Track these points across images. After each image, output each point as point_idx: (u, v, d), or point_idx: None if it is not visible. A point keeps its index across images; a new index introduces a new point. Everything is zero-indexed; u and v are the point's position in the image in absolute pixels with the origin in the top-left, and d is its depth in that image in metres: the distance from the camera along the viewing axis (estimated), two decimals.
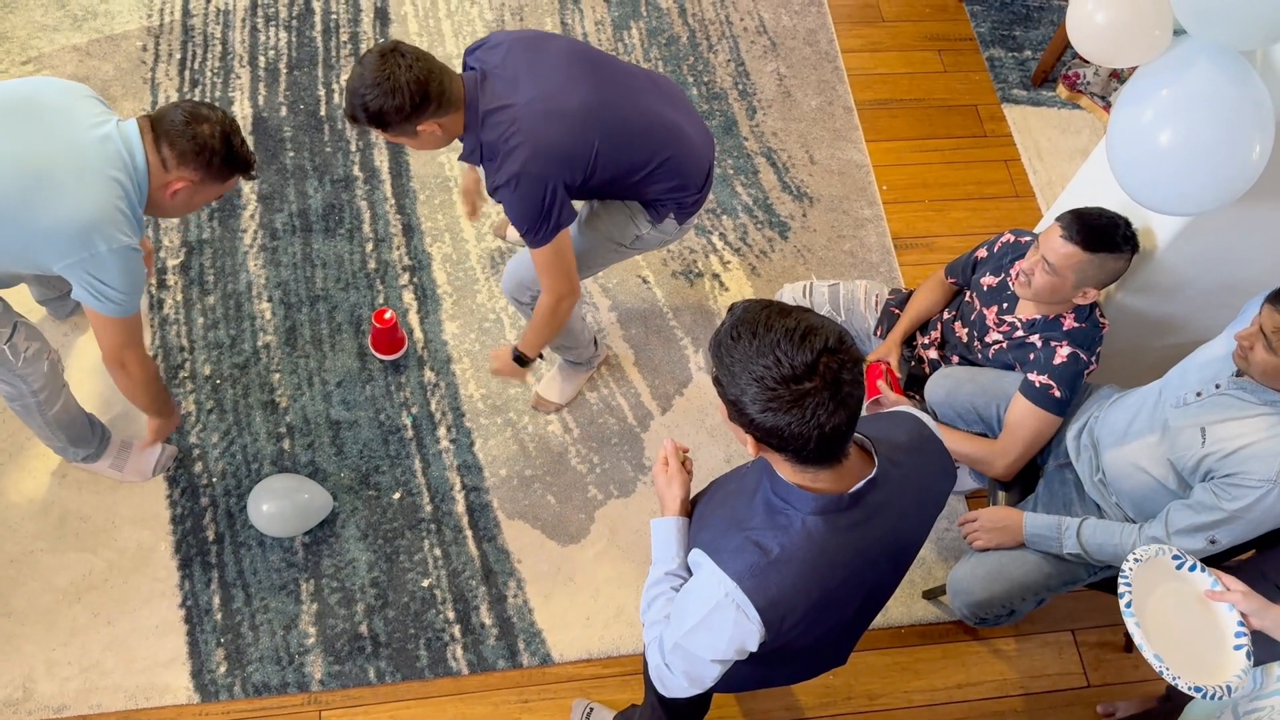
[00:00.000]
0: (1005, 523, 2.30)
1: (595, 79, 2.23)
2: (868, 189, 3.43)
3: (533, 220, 2.19)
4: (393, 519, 2.73)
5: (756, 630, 1.47)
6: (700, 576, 1.52)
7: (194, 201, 2.13)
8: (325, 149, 3.27)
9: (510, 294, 2.61)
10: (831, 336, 1.33)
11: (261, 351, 2.92)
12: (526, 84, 2.15)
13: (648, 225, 2.46)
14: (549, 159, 2.14)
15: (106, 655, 2.50)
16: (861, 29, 3.81)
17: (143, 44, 3.40)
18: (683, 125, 2.37)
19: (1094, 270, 2.21)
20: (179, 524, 2.67)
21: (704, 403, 2.99)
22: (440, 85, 2.07)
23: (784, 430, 1.34)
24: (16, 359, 2.26)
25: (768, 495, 1.50)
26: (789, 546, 1.45)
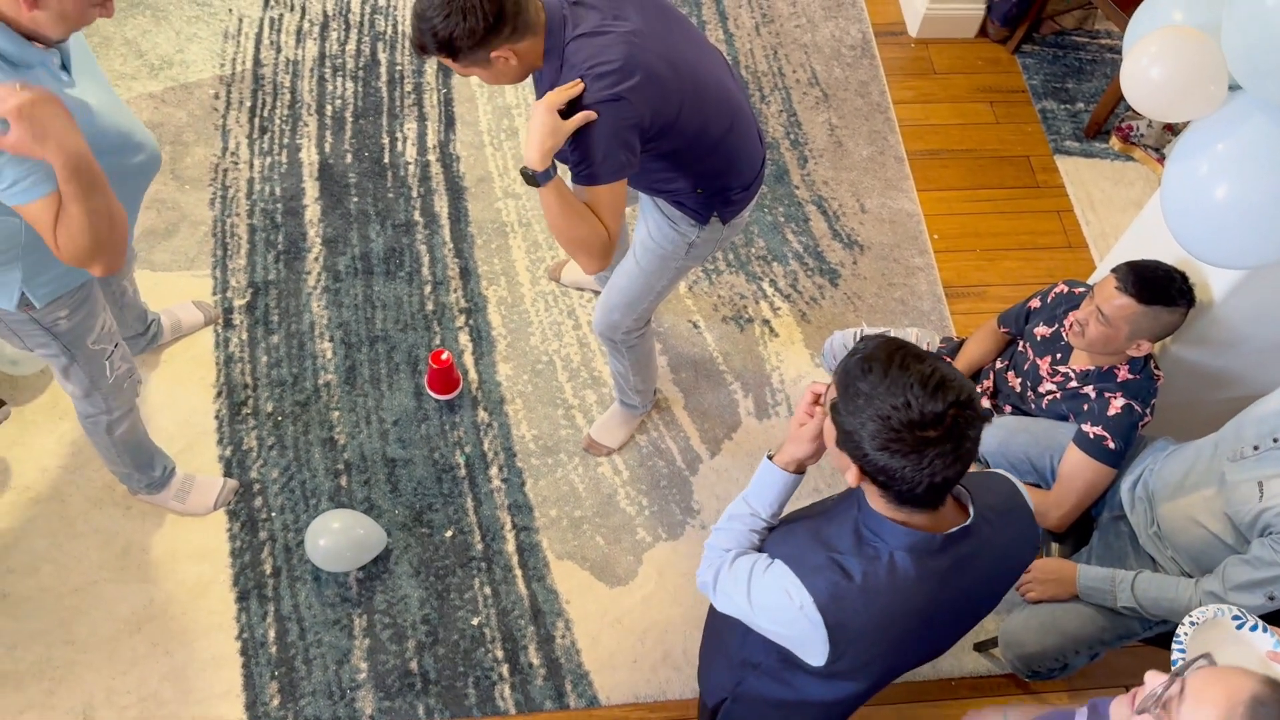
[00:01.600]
0: (1059, 574, 2.29)
1: (690, 40, 2.11)
2: (919, 238, 3.45)
3: (605, 151, 1.94)
4: (444, 556, 2.77)
5: (823, 649, 1.48)
6: (779, 581, 1.51)
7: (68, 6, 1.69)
8: (388, 194, 3.37)
9: (603, 334, 2.62)
10: (964, 391, 1.34)
11: (322, 390, 2.99)
12: (627, 17, 1.97)
13: (695, 230, 2.34)
14: (643, 89, 1.93)
15: (164, 686, 2.56)
16: (913, 81, 3.85)
17: (215, 92, 3.54)
18: (747, 112, 2.27)
19: (1148, 323, 2.21)
20: (238, 557, 2.73)
21: (753, 447, 3.01)
22: (516, 4, 1.87)
23: (896, 472, 1.35)
24: (110, 375, 2.33)
25: (858, 524, 1.50)
26: (871, 576, 1.45)
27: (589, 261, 2.08)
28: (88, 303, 2.16)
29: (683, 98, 2.03)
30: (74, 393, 2.36)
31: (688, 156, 2.15)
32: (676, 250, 2.40)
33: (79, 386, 2.32)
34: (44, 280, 2.03)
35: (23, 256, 1.96)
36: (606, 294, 2.55)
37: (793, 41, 3.89)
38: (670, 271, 2.48)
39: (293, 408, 2.96)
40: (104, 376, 2.31)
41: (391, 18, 3.78)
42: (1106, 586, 2.20)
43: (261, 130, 3.47)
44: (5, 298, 2.00)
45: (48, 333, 2.13)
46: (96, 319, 2.21)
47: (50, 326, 2.11)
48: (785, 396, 3.11)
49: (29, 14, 1.66)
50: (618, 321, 2.57)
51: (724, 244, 2.46)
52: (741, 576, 1.59)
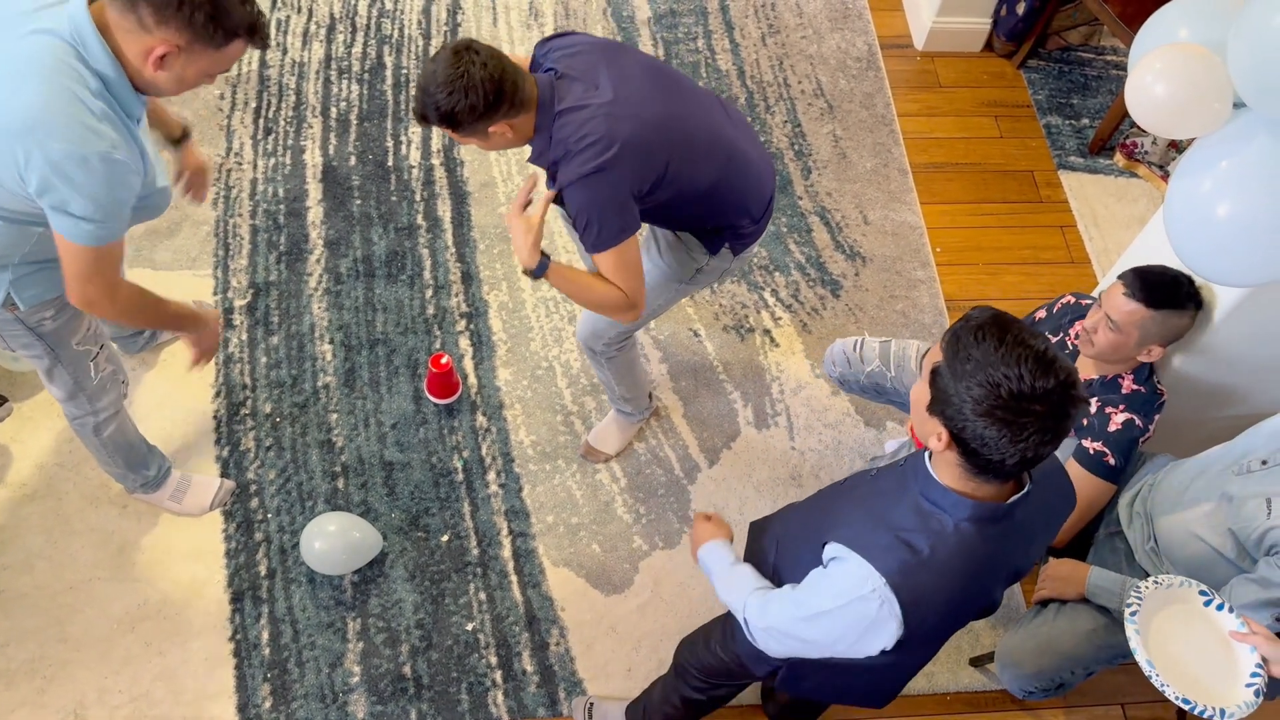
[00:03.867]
0: (1071, 575, 2.28)
1: (672, 94, 2.18)
2: (921, 250, 3.45)
3: (600, 220, 2.08)
4: (440, 561, 2.76)
5: (894, 629, 1.50)
6: (843, 568, 1.53)
7: (188, 74, 1.78)
8: (391, 197, 3.37)
9: (585, 342, 2.63)
10: (1072, 373, 1.36)
11: (321, 392, 2.99)
12: (606, 87, 2.08)
13: (705, 256, 2.41)
14: (624, 159, 2.05)
15: (156, 685, 2.55)
16: (918, 94, 3.85)
17: (220, 93, 3.54)
18: (748, 151, 2.32)
19: (1157, 327, 2.21)
20: (232, 558, 2.72)
21: (751, 457, 3.00)
22: (514, 85, 2.00)
23: (992, 441, 1.37)
24: (96, 376, 2.33)
25: (917, 499, 1.53)
26: (939, 549, 1.48)
27: (620, 317, 2.21)
28: (68, 305, 2.16)
29: (670, 153, 2.13)
30: (58, 395, 2.37)
31: (686, 203, 2.25)
32: (683, 272, 2.45)
33: (62, 389, 2.33)
34: (31, 285, 2.04)
35: (17, 264, 1.97)
36: None
37: (799, 52, 3.89)
38: (670, 291, 2.52)
39: (291, 409, 2.95)
40: (88, 378, 2.32)
41: (398, 21, 3.78)
42: (1115, 588, 2.20)
43: (266, 131, 3.47)
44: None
45: (32, 333, 2.13)
46: (82, 320, 2.22)
47: (35, 327, 2.12)
48: (785, 407, 3.10)
49: (152, 73, 1.75)
50: (602, 331, 2.57)
51: (729, 275, 2.52)
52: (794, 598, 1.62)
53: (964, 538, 1.49)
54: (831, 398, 3.12)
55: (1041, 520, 1.63)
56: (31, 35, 1.72)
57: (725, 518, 2.89)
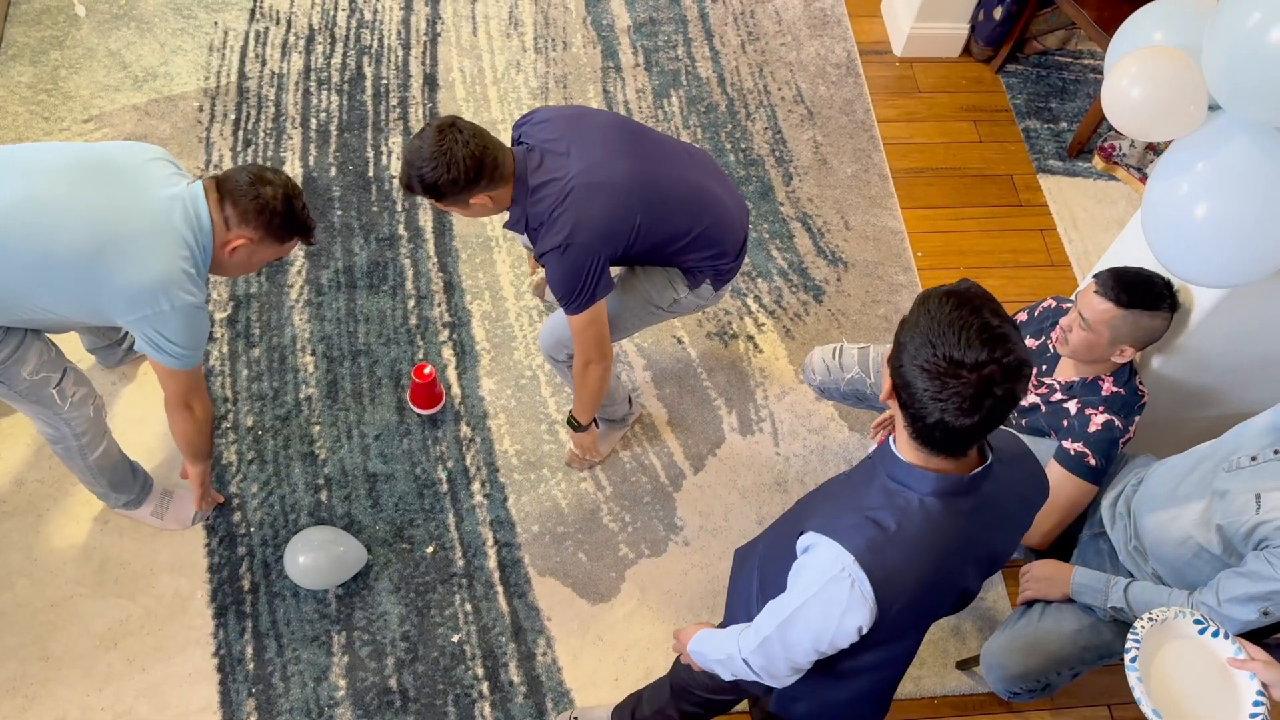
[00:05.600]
0: (1055, 575, 2.29)
1: (638, 152, 2.31)
2: (902, 255, 3.46)
3: (571, 288, 2.26)
4: (425, 573, 2.75)
5: (869, 609, 1.51)
6: (814, 555, 1.55)
7: (252, 261, 2.20)
8: (372, 208, 3.36)
9: (547, 351, 2.66)
10: (1014, 357, 1.38)
11: (303, 404, 2.97)
12: (574, 158, 2.23)
13: (685, 290, 2.52)
14: (593, 232, 2.21)
15: (140, 702, 2.52)
16: (898, 99, 3.87)
17: (199, 104, 3.52)
18: (720, 195, 2.43)
19: (1128, 327, 2.22)
20: (216, 572, 2.70)
21: (736, 464, 3.00)
22: (494, 160, 2.16)
23: (916, 392, 1.40)
24: (64, 403, 2.32)
25: (884, 481, 1.55)
26: (906, 524, 1.50)
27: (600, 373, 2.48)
28: (13, 336, 2.18)
29: (642, 210, 2.26)
30: (36, 424, 2.37)
31: (663, 252, 2.39)
32: (662, 299, 2.55)
33: (36, 418, 2.34)
34: None
35: None
36: (561, 313, 2.55)
37: (778, 59, 3.90)
38: (646, 315, 2.60)
39: (273, 422, 2.94)
40: (56, 404, 2.32)
41: (377, 31, 3.78)
42: (1100, 586, 2.20)
43: (245, 143, 3.45)
44: None
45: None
46: (28, 349, 2.23)
47: None
48: (769, 413, 3.10)
49: (226, 258, 2.16)
50: (567, 340, 2.57)
51: (704, 308, 2.62)
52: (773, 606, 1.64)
53: (930, 512, 1.51)
54: (815, 403, 3.12)
55: (1014, 503, 1.65)
56: (157, 186, 2.06)
57: (711, 525, 2.89)
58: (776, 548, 1.80)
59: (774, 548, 1.83)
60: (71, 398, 2.34)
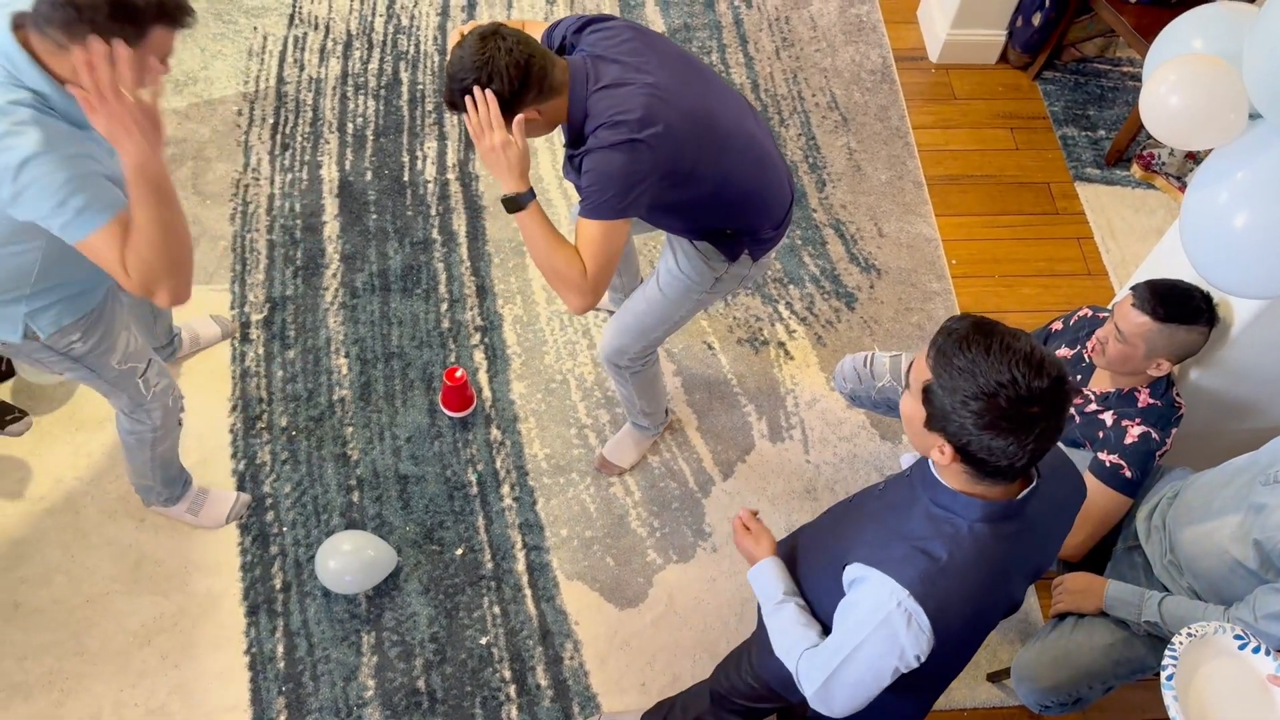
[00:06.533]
0: (1088, 588, 2.26)
1: (707, 89, 2.15)
2: (936, 263, 3.44)
3: (605, 188, 1.99)
4: (454, 575, 2.76)
5: (926, 639, 1.49)
6: (864, 591, 1.53)
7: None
8: (407, 212, 3.38)
9: (608, 359, 2.63)
10: (1061, 368, 1.37)
11: (336, 405, 3.00)
12: (649, 70, 2.02)
13: (723, 264, 2.37)
14: (657, 141, 1.98)
15: (172, 699, 2.56)
16: (933, 106, 3.85)
17: (238, 109, 3.57)
18: (774, 155, 2.31)
19: (1164, 341, 2.19)
20: (248, 571, 2.73)
21: (766, 471, 2.99)
22: (542, 69, 1.95)
23: (999, 450, 1.37)
24: (148, 392, 2.34)
25: (928, 506, 1.53)
26: (957, 553, 1.48)
27: (571, 297, 2.10)
28: (101, 323, 2.17)
29: (702, 148, 2.08)
30: (119, 411, 2.40)
31: (714, 201, 2.20)
32: (702, 282, 2.42)
33: (121, 405, 2.36)
34: (47, 312, 2.05)
35: (30, 293, 1.99)
36: (620, 317, 2.55)
37: (813, 65, 3.89)
38: (691, 303, 2.49)
39: (307, 423, 2.97)
40: (141, 394, 2.33)
41: (414, 37, 3.81)
42: (1134, 600, 2.18)
43: (283, 147, 3.50)
44: (10, 331, 2.03)
45: (65, 358, 2.15)
46: (115, 338, 2.22)
47: (66, 352, 2.13)
48: (800, 420, 3.09)
49: None
50: (626, 346, 2.56)
51: (748, 282, 2.48)
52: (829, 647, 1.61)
53: (979, 538, 1.49)
54: (846, 411, 3.11)
55: (1054, 513, 1.63)
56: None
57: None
58: (818, 572, 1.78)
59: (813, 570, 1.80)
60: (155, 388, 2.36)
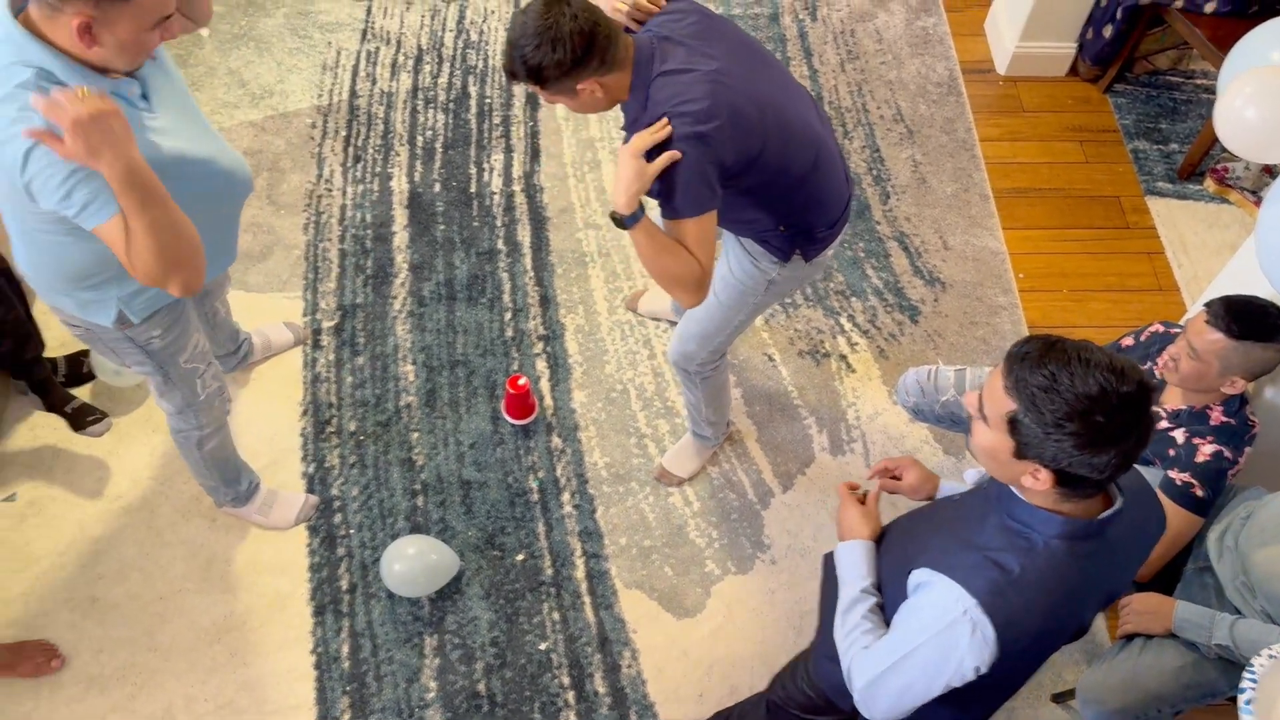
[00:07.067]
0: (1157, 609, 2.22)
1: (773, 78, 2.13)
2: (1003, 276, 3.40)
3: (684, 187, 1.97)
4: (515, 580, 2.80)
5: (990, 651, 1.47)
6: (929, 595, 1.52)
7: (122, 37, 1.71)
8: (473, 223, 3.44)
9: (677, 363, 2.64)
10: (1137, 368, 1.36)
11: (403, 411, 3.06)
12: (714, 55, 2.00)
13: (776, 267, 2.34)
14: (725, 130, 1.96)
15: (240, 695, 2.62)
16: (1001, 118, 3.81)
17: (312, 121, 3.67)
18: (833, 150, 2.27)
19: (1239, 359, 2.14)
20: (316, 572, 2.79)
21: (826, 484, 2.98)
22: (606, 40, 1.92)
23: (1102, 464, 1.36)
24: (201, 393, 2.41)
25: (1004, 520, 1.51)
26: (1030, 568, 1.46)
27: (685, 295, 2.11)
28: (180, 322, 2.24)
29: (766, 136, 2.05)
30: (168, 409, 2.45)
31: (770, 194, 2.17)
32: (756, 286, 2.41)
33: (172, 403, 2.41)
34: (140, 296, 2.11)
35: (119, 276, 2.05)
36: (683, 324, 2.57)
37: (878, 78, 3.88)
38: (748, 307, 2.47)
39: (374, 428, 3.03)
40: (196, 394, 2.40)
41: (483, 52, 3.88)
42: (1204, 622, 2.13)
43: (355, 159, 3.58)
44: (104, 315, 2.10)
45: (142, 350, 2.22)
46: (189, 338, 2.29)
47: (145, 345, 2.20)
48: (861, 433, 3.07)
49: (92, 50, 1.72)
50: (692, 353, 2.58)
51: (805, 282, 2.44)
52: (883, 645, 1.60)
53: (1054, 555, 1.46)
54: (909, 425, 3.09)
55: (1134, 539, 1.60)
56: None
57: (799, 545, 2.88)
58: (884, 578, 1.76)
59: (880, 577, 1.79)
60: (208, 390, 2.42)
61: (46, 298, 2.10)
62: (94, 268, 2.00)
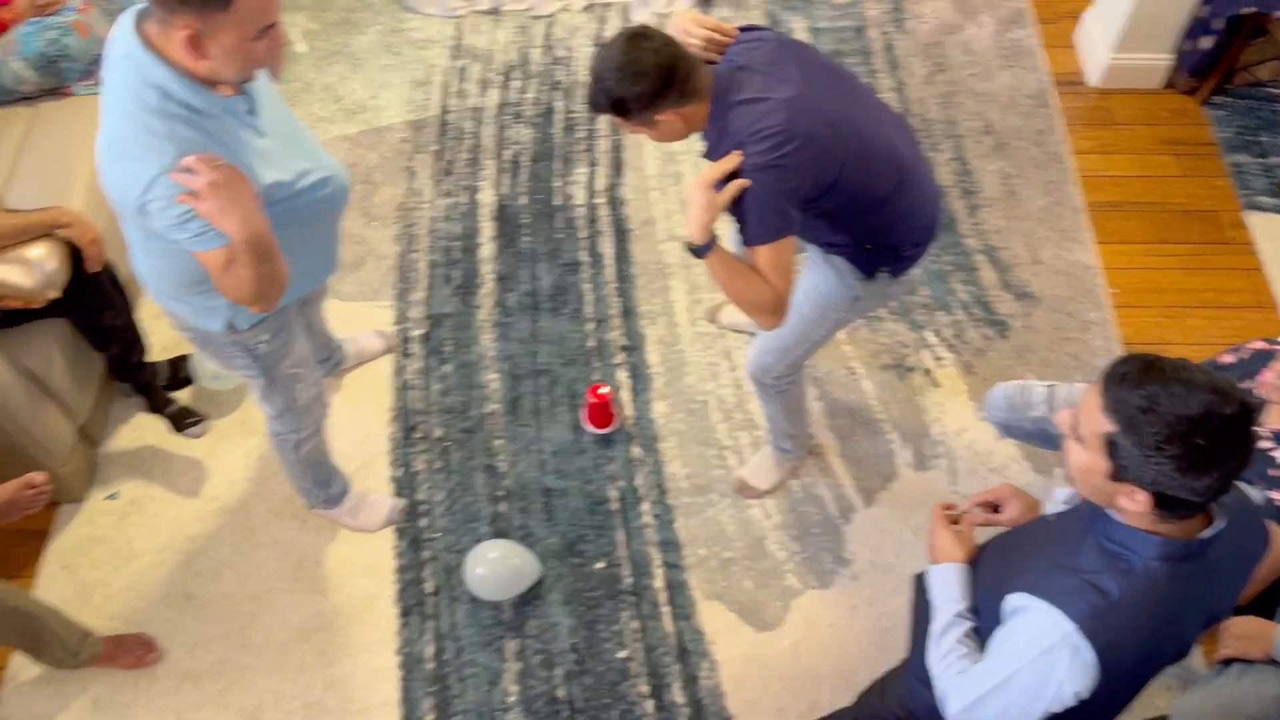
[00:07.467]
0: (1258, 633, 2.14)
1: (853, 99, 2.14)
2: (1095, 291, 3.32)
3: (761, 214, 2.02)
4: (594, 588, 2.81)
5: (1090, 676, 1.45)
6: (1026, 620, 1.50)
7: (228, 47, 1.76)
8: (557, 235, 3.49)
9: (753, 375, 2.65)
10: (1237, 387, 1.34)
11: (487, 418, 3.11)
12: (790, 82, 2.02)
13: (861, 284, 2.33)
14: (800, 156, 1.99)
15: (328, 694, 2.68)
16: (1094, 131, 3.74)
17: (404, 136, 3.76)
18: (919, 169, 2.26)
19: None
20: (402, 574, 2.85)
21: (910, 499, 2.94)
22: (685, 73, 1.98)
23: (1203, 486, 1.34)
24: (300, 398, 2.48)
25: (1100, 542, 1.48)
26: (1129, 590, 1.44)
27: (763, 319, 2.13)
28: (286, 329, 2.32)
29: (845, 158, 2.06)
30: (269, 412, 2.52)
31: (852, 214, 2.18)
32: (839, 302, 2.40)
33: (273, 407, 2.49)
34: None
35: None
36: (762, 336, 2.57)
37: (966, 90, 3.84)
38: (829, 323, 2.47)
39: (460, 434, 3.09)
40: (295, 399, 2.47)
41: (569, 68, 3.94)
42: None
43: (445, 172, 3.66)
44: (215, 321, 2.18)
45: (249, 355, 2.30)
46: (293, 345, 2.36)
47: (252, 349, 2.28)
48: (946, 449, 3.03)
49: (199, 65, 1.77)
50: (769, 365, 2.58)
51: (891, 299, 2.43)
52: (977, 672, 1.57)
53: (1154, 577, 1.43)
54: (997, 442, 3.03)
55: (1236, 559, 1.56)
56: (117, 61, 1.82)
57: (882, 561, 2.84)
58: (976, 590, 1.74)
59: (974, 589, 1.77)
60: (308, 395, 2.49)
61: (161, 302, 2.20)
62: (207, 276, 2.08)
